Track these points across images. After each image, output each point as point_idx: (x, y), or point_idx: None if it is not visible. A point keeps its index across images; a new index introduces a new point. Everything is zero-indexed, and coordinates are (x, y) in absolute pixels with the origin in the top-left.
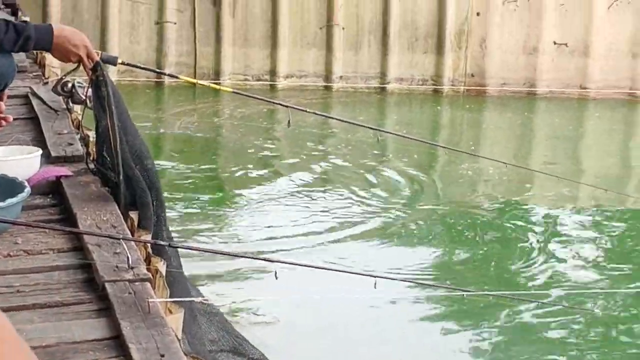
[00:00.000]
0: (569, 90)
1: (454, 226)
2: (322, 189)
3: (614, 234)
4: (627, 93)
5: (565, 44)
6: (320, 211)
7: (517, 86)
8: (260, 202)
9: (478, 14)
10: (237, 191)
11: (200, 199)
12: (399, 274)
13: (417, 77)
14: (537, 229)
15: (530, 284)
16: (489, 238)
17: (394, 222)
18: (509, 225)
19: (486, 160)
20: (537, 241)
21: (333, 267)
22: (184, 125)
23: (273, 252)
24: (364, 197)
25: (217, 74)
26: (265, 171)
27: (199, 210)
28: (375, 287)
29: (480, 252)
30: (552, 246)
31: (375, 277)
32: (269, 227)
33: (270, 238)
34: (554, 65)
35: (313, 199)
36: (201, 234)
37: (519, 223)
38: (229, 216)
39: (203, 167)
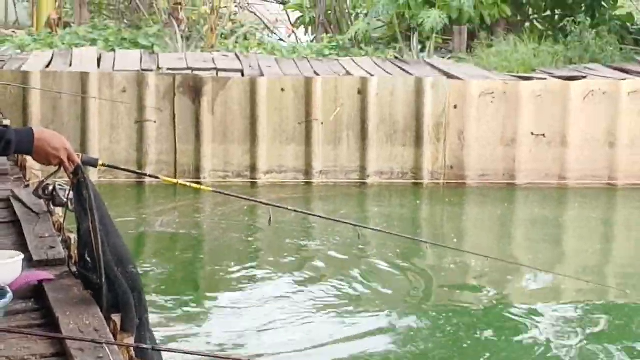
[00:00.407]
0: (548, 180)
1: (439, 323)
2: (303, 287)
3: (596, 328)
4: (605, 183)
5: (543, 135)
6: (302, 310)
7: (497, 177)
8: (243, 301)
9: (455, 106)
10: (218, 291)
11: (182, 299)
12: None
13: (396, 170)
14: (521, 323)
15: None
16: (473, 334)
17: (377, 320)
18: (494, 321)
19: (468, 253)
20: (521, 336)
21: None
22: (165, 224)
23: (258, 355)
24: (346, 295)
25: (197, 171)
26: (247, 270)
27: (181, 311)
28: None
29: (465, 347)
30: (536, 341)
31: None
32: (250, 327)
33: (252, 338)
34: (532, 156)
35: (294, 298)
36: (184, 335)
37: (504, 318)
38: (212, 317)
39: (184, 266)
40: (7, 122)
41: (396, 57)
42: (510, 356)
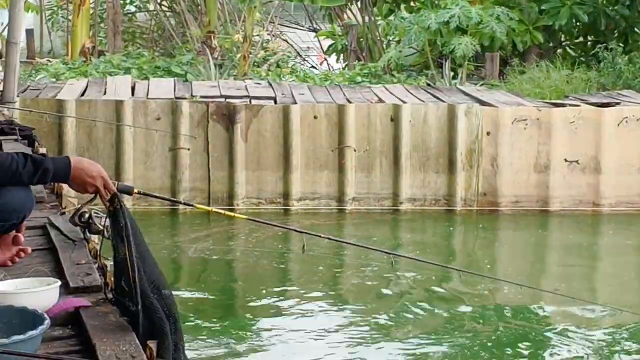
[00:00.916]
0: (582, 207)
1: (472, 350)
2: (336, 315)
3: (629, 357)
4: None
5: (577, 161)
6: (334, 338)
7: (530, 204)
8: (275, 327)
9: (488, 133)
10: (252, 317)
11: (216, 325)
12: None
13: (429, 196)
14: (556, 352)
15: None
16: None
17: (409, 348)
18: (527, 348)
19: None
20: None
21: None
22: (199, 251)
23: None
24: (378, 323)
25: (230, 198)
26: (280, 297)
27: (215, 337)
28: None
29: None
30: None
31: None
32: (282, 354)
33: None
34: (566, 183)
35: (326, 326)
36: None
37: (537, 346)
38: (244, 343)
39: (218, 292)
40: (43, 150)
41: (428, 84)
42: None
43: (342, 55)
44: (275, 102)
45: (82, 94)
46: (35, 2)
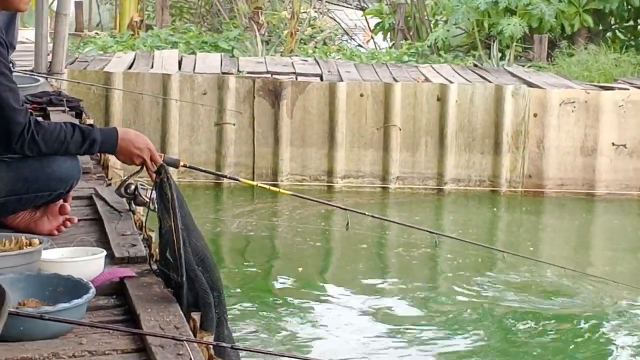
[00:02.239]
0: (628, 191)
1: (512, 330)
2: (377, 293)
3: None
4: None
5: (624, 145)
6: (373, 315)
7: (576, 187)
8: (315, 303)
9: (535, 115)
10: (293, 293)
11: (259, 299)
12: None
13: (474, 177)
14: (598, 335)
15: None
16: (546, 342)
17: (450, 328)
18: (568, 330)
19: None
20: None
21: None
22: (242, 226)
23: (323, 352)
24: (421, 302)
25: (275, 174)
26: (322, 274)
27: (257, 311)
28: None
29: (536, 354)
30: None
31: None
32: (322, 331)
33: (320, 339)
34: (613, 167)
35: (366, 303)
36: (259, 335)
37: (579, 329)
38: (286, 318)
39: (261, 267)
40: (90, 121)
41: (475, 65)
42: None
43: (389, 34)
44: (322, 79)
45: (130, 67)
46: None
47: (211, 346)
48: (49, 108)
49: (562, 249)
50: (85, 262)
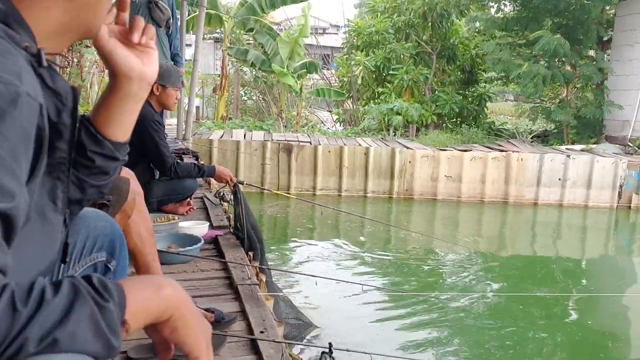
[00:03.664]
0: (453, 197)
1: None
2: (334, 241)
3: None
4: None
5: (450, 176)
6: (344, 252)
7: (427, 195)
8: (310, 246)
9: (410, 162)
10: (298, 243)
11: (282, 247)
12: None
13: (381, 190)
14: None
15: None
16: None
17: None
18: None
19: None
20: None
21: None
22: (272, 212)
23: (322, 272)
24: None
25: (288, 188)
26: (311, 233)
27: (280, 253)
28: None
29: None
30: None
31: (361, 284)
32: (316, 260)
33: (315, 264)
34: (445, 186)
35: (335, 247)
36: (281, 262)
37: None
38: (295, 255)
39: (282, 231)
40: (202, 161)
41: (382, 138)
42: None
43: (342, 123)
44: (311, 144)
45: (221, 137)
46: (200, 92)
47: (257, 267)
48: (183, 156)
49: (420, 224)
50: (198, 227)
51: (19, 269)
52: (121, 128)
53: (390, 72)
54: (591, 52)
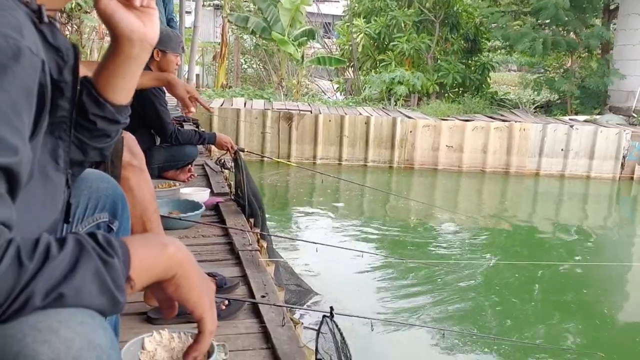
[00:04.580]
0: (454, 167)
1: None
2: (334, 205)
3: None
4: None
5: (452, 146)
6: (338, 214)
7: (428, 165)
8: (308, 212)
9: (410, 131)
10: (296, 209)
11: (280, 213)
12: None
13: (381, 160)
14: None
15: None
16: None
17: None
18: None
19: None
20: None
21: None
22: (272, 180)
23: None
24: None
25: (288, 156)
26: (310, 199)
27: (279, 219)
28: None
29: None
30: None
31: (362, 251)
32: (316, 228)
33: (315, 231)
34: (445, 156)
35: (334, 209)
36: (281, 229)
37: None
38: (293, 221)
39: (281, 198)
40: (202, 129)
41: (383, 108)
42: None
43: (343, 92)
44: (311, 113)
45: (221, 105)
46: (200, 60)
47: (258, 233)
48: (183, 123)
49: (420, 194)
50: (199, 194)
51: (21, 227)
52: (123, 91)
53: (393, 40)
54: (597, 21)
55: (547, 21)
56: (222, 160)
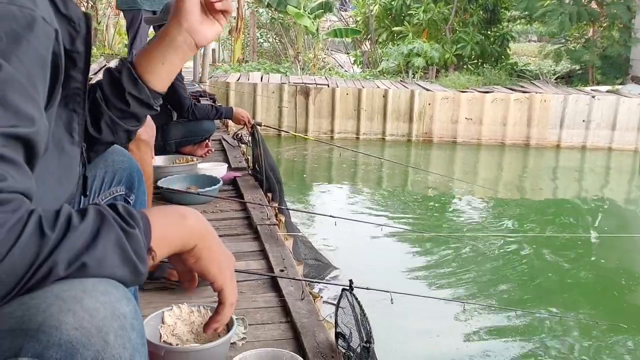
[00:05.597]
0: (474, 140)
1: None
2: (353, 182)
3: None
4: None
5: (471, 119)
6: (354, 186)
7: (447, 138)
8: (323, 186)
9: (429, 104)
10: (314, 183)
11: (298, 187)
12: None
13: (400, 133)
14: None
15: None
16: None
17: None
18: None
19: None
20: None
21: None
22: (290, 154)
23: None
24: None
25: (306, 131)
26: (326, 173)
27: (296, 193)
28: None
29: None
30: None
31: (380, 225)
32: (334, 202)
33: (333, 205)
34: (465, 129)
35: (349, 184)
36: (299, 203)
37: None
38: (310, 195)
39: (298, 172)
40: (219, 104)
41: (401, 81)
42: None
43: (360, 65)
44: (328, 87)
45: (238, 80)
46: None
47: (276, 208)
48: (200, 98)
49: (439, 167)
50: (217, 169)
51: (37, 200)
52: (159, 76)
53: (409, 11)
54: None
55: None
56: (240, 135)
